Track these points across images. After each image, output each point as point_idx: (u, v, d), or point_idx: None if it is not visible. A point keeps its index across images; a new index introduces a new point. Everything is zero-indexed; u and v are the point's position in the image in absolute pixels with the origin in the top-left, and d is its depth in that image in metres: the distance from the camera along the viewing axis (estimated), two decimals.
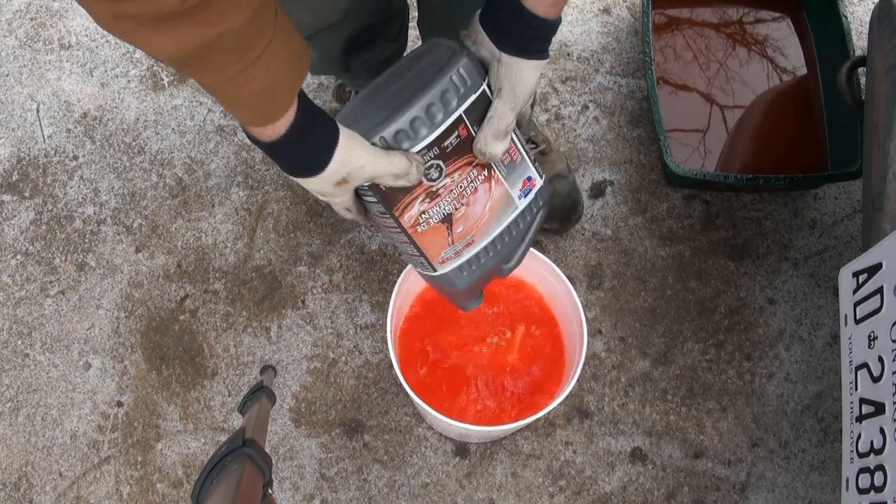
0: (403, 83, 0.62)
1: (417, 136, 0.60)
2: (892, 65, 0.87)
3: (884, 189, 0.84)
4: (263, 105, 0.51)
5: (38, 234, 1.23)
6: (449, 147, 0.62)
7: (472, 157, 0.64)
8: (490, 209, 0.68)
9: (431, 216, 0.65)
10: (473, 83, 0.60)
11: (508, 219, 0.70)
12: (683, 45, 1.33)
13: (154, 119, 1.30)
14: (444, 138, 0.61)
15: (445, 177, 0.63)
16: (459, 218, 0.67)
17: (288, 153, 0.56)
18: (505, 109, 0.61)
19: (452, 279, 0.71)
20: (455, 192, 0.65)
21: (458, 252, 0.69)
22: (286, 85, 0.52)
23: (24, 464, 1.12)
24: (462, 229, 0.68)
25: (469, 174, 0.65)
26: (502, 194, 0.68)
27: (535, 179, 0.70)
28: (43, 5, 1.38)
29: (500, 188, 0.68)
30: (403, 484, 1.10)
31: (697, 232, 1.24)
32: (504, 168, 0.67)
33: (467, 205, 0.66)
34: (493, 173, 0.66)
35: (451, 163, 0.63)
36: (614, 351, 1.17)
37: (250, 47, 0.47)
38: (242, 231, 1.23)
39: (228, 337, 1.17)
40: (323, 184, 0.59)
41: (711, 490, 1.11)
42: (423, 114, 0.59)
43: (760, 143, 1.27)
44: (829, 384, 1.16)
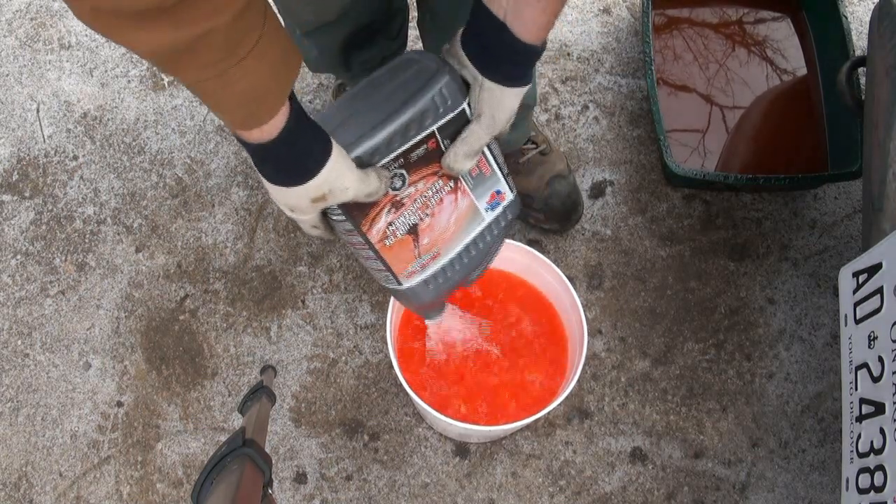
0: (383, 97, 0.61)
1: (389, 150, 0.60)
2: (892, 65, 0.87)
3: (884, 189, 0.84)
4: (250, 107, 0.50)
5: (38, 234, 1.23)
6: (414, 157, 0.61)
7: (438, 167, 0.63)
8: (456, 221, 0.68)
9: (398, 228, 0.65)
10: (454, 102, 0.60)
11: (474, 231, 0.70)
12: (683, 46, 1.33)
13: (154, 119, 1.30)
14: (411, 150, 0.61)
15: (409, 185, 0.63)
16: (425, 229, 0.66)
17: (276, 158, 0.54)
18: (481, 133, 0.61)
19: (418, 293, 0.71)
20: (419, 201, 0.64)
21: (424, 265, 0.69)
22: (274, 87, 0.50)
23: (24, 464, 1.12)
24: (428, 241, 0.67)
25: (434, 184, 0.64)
26: (468, 206, 0.68)
27: (504, 193, 0.70)
28: (43, 5, 1.38)
29: (466, 200, 0.67)
30: (403, 484, 1.10)
31: (697, 232, 1.24)
32: (471, 180, 0.66)
33: (432, 215, 0.66)
34: (460, 184, 0.66)
35: (414, 172, 0.62)
36: (614, 351, 1.17)
37: (236, 46, 0.46)
38: (242, 231, 1.23)
39: (228, 337, 1.17)
40: (301, 197, 0.57)
41: (711, 490, 1.11)
42: (400, 132, 0.59)
43: (760, 143, 1.27)
44: (829, 384, 1.16)
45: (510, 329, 1.00)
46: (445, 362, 0.98)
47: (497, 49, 0.57)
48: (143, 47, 0.43)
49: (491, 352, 0.99)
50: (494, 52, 0.57)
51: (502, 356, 0.99)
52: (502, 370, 0.98)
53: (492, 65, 0.58)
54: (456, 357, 0.99)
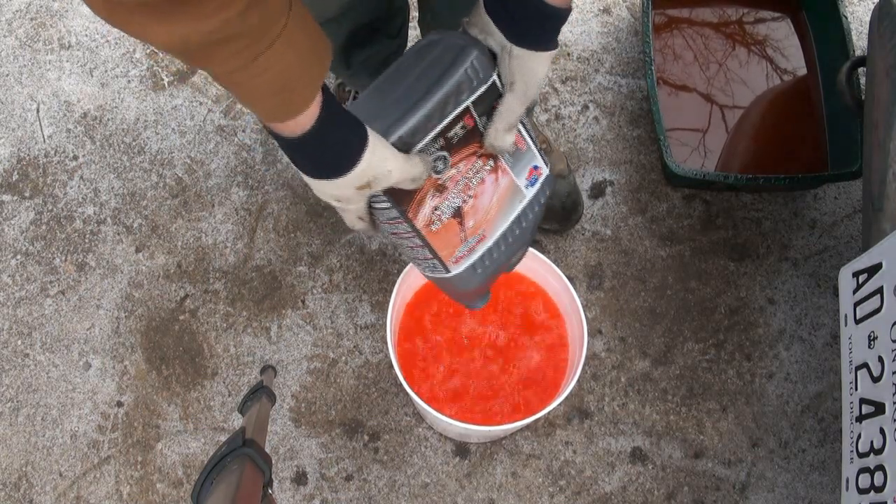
0: (415, 77, 0.61)
1: (428, 130, 0.59)
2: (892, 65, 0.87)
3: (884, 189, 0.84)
4: (281, 97, 0.49)
5: (38, 234, 1.23)
6: (454, 138, 0.61)
7: (477, 148, 0.63)
8: (498, 200, 0.68)
9: (443, 211, 0.65)
10: (485, 75, 0.59)
11: (517, 209, 0.69)
12: (683, 46, 1.33)
13: (154, 119, 1.30)
14: (449, 128, 0.60)
15: (451, 167, 0.63)
16: (469, 211, 0.66)
17: (313, 151, 0.53)
18: (516, 103, 0.60)
19: (466, 278, 0.71)
20: (462, 183, 0.64)
21: (472, 248, 0.69)
22: (305, 76, 0.49)
23: (24, 464, 1.12)
24: (473, 223, 0.67)
25: (474, 165, 0.64)
26: (509, 184, 0.68)
27: (540, 168, 0.70)
28: (43, 5, 1.38)
29: (506, 178, 0.67)
30: (403, 484, 1.10)
31: (697, 232, 1.24)
32: (510, 157, 0.66)
33: (475, 196, 0.66)
34: (500, 163, 0.66)
35: (455, 153, 0.62)
36: (614, 351, 1.17)
37: (263, 32, 0.44)
38: (242, 231, 1.23)
39: (228, 337, 1.17)
40: (343, 188, 0.56)
41: (711, 490, 1.11)
42: (437, 109, 0.58)
43: (760, 143, 1.27)
44: (829, 384, 1.16)
45: (510, 329, 1.00)
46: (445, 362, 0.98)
47: (524, 14, 0.56)
48: (162, 41, 0.42)
49: (491, 351, 0.99)
50: (522, 17, 0.56)
51: (502, 356, 0.99)
52: (502, 370, 0.98)
53: (520, 30, 0.57)
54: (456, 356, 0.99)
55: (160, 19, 0.40)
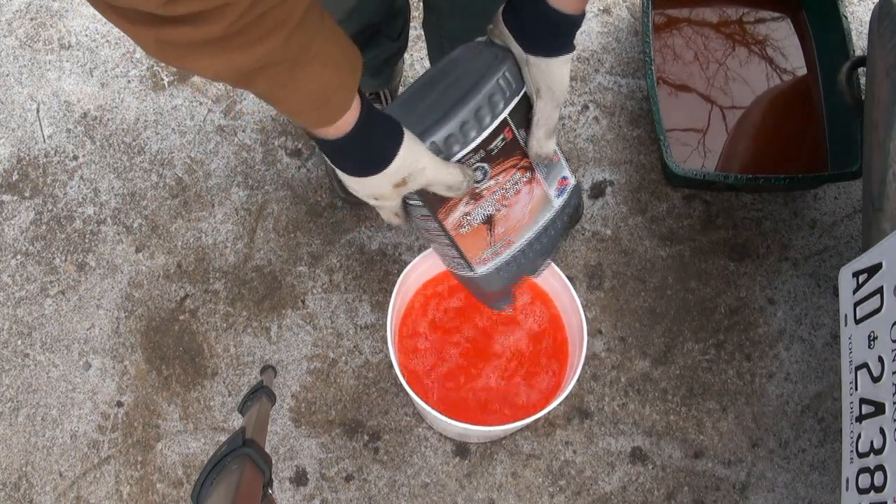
0: (448, 85, 0.62)
1: (466, 140, 0.60)
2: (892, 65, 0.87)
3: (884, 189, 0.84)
4: (321, 108, 0.52)
5: (38, 234, 1.23)
6: (495, 150, 0.62)
7: (518, 160, 0.64)
8: (530, 210, 0.69)
9: (474, 218, 0.66)
10: (518, 86, 0.61)
11: (545, 219, 0.70)
12: (683, 45, 1.33)
13: (154, 119, 1.30)
14: (490, 141, 0.61)
15: (490, 178, 0.64)
16: (500, 219, 0.67)
17: (353, 151, 0.57)
18: (549, 108, 0.61)
19: (490, 280, 0.72)
20: (498, 193, 0.65)
21: (497, 252, 0.70)
22: (341, 86, 0.52)
23: (24, 464, 1.12)
24: (503, 230, 0.68)
25: (513, 176, 0.65)
26: (541, 195, 0.69)
27: (568, 179, 0.71)
28: (43, 5, 1.38)
29: (539, 189, 0.68)
30: (403, 484, 1.10)
31: (697, 232, 1.24)
32: (544, 168, 0.67)
33: (509, 206, 0.67)
34: (535, 175, 0.67)
35: (496, 165, 0.63)
36: (614, 351, 1.17)
37: (301, 55, 0.47)
38: (242, 231, 1.23)
39: (228, 337, 1.17)
40: (382, 184, 0.59)
41: (711, 490, 1.11)
42: (472, 117, 0.59)
43: (760, 143, 1.27)
44: (829, 384, 1.16)
45: (510, 329, 1.00)
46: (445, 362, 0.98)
47: (535, 23, 0.57)
48: (214, 72, 0.45)
49: (491, 351, 0.99)
50: (534, 26, 0.57)
51: (502, 356, 0.99)
52: (502, 370, 0.98)
53: (533, 39, 0.58)
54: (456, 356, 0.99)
55: (209, 53, 0.43)
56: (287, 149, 1.28)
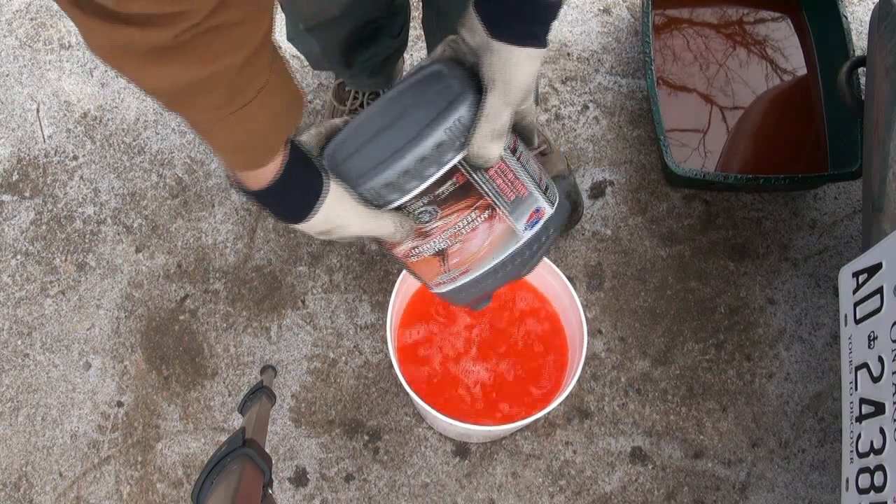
0: (397, 120, 0.57)
1: (406, 189, 0.56)
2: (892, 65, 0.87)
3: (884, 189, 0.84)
4: (250, 150, 0.50)
5: (38, 234, 1.23)
6: (443, 194, 0.57)
7: (474, 201, 0.59)
8: (490, 244, 0.63)
9: (423, 251, 0.63)
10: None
11: (510, 250, 0.64)
12: (683, 46, 1.33)
13: (154, 119, 1.30)
14: (436, 187, 0.57)
15: (439, 219, 0.60)
16: (454, 253, 0.63)
17: (273, 202, 0.54)
18: (499, 105, 0.54)
19: (452, 298, 0.69)
20: (449, 231, 0.61)
21: (454, 279, 0.66)
22: (272, 135, 0.50)
23: (24, 464, 1.12)
24: (457, 261, 0.64)
25: (468, 216, 0.60)
26: (504, 230, 0.63)
27: (543, 209, 0.63)
28: (43, 5, 1.38)
29: (502, 225, 0.62)
30: (403, 484, 1.10)
31: (697, 232, 1.24)
32: (508, 205, 0.61)
33: (463, 242, 0.62)
34: (496, 213, 0.61)
35: (446, 207, 0.59)
36: (614, 351, 1.17)
37: (242, 91, 0.46)
38: (242, 231, 1.23)
39: (228, 337, 1.17)
40: (306, 232, 0.57)
41: (711, 490, 1.11)
42: (414, 166, 0.54)
43: (760, 143, 1.27)
44: (829, 384, 1.16)
45: (510, 329, 1.00)
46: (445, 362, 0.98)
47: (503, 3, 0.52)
48: (152, 84, 0.44)
49: (491, 352, 0.99)
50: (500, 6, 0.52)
51: (502, 356, 0.99)
52: (502, 370, 0.98)
53: (497, 21, 0.52)
54: (456, 356, 0.99)
55: (153, 62, 0.41)
56: None
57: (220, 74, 0.43)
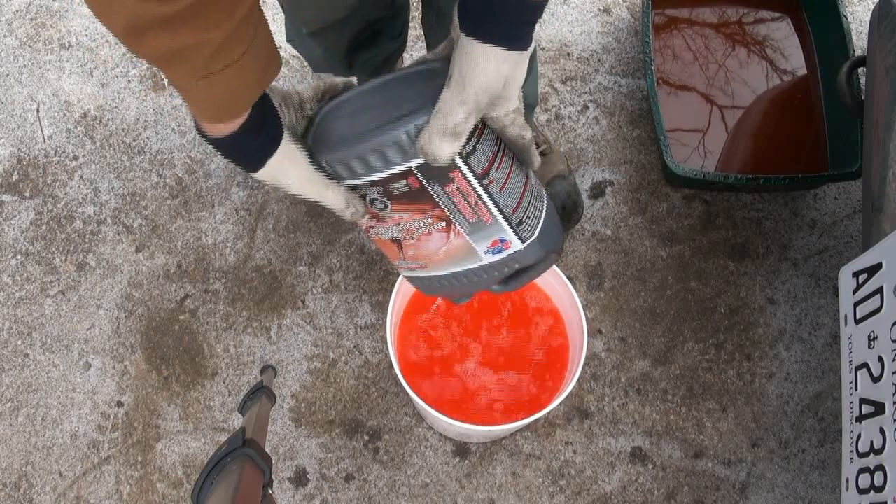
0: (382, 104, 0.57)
1: (356, 173, 0.56)
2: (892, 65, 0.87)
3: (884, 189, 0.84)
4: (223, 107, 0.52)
5: (38, 234, 1.23)
6: (395, 191, 0.57)
7: (429, 207, 0.58)
8: (447, 253, 0.62)
9: (380, 233, 0.63)
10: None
11: (468, 266, 0.62)
12: (683, 46, 1.33)
13: (154, 119, 1.30)
14: (388, 182, 0.56)
15: (392, 211, 0.59)
16: (409, 246, 0.63)
17: (227, 151, 0.57)
18: (452, 102, 0.50)
19: (416, 284, 0.68)
20: (402, 226, 0.61)
21: (412, 269, 0.66)
22: (243, 97, 0.52)
23: (24, 464, 1.12)
24: (413, 254, 0.64)
25: (422, 220, 0.59)
26: (463, 246, 0.61)
27: (509, 241, 0.60)
28: (43, 5, 1.38)
29: (460, 240, 0.60)
30: (403, 484, 1.10)
31: (697, 232, 1.24)
32: (468, 225, 0.59)
33: (417, 240, 0.62)
34: (453, 227, 0.59)
35: (398, 203, 0.58)
36: (614, 351, 1.17)
37: (226, 55, 0.47)
38: (242, 231, 1.23)
39: (228, 337, 1.17)
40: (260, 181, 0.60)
41: (711, 490, 1.11)
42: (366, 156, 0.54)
43: (760, 143, 1.27)
44: (829, 384, 1.16)
45: (510, 329, 1.00)
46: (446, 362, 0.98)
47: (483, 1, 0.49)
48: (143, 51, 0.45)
49: (491, 351, 0.99)
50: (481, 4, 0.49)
51: (502, 356, 0.99)
52: (502, 370, 0.98)
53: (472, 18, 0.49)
54: (456, 356, 0.99)
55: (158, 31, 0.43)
56: None
57: (209, 42, 0.45)
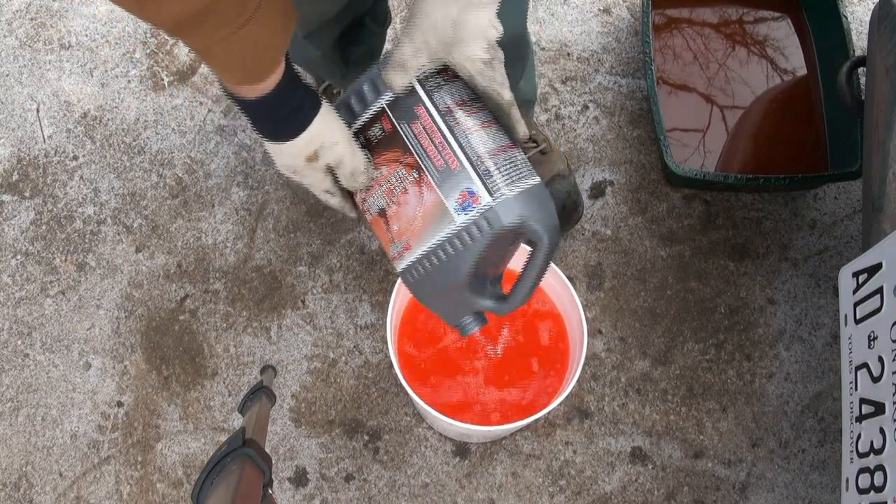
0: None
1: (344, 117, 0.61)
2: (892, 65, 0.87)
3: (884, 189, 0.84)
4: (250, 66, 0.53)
5: (38, 234, 1.23)
6: (374, 139, 0.62)
7: (401, 154, 0.62)
8: (423, 216, 0.63)
9: (370, 206, 0.67)
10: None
11: (444, 232, 0.62)
12: (683, 46, 1.33)
13: (154, 119, 1.30)
14: (368, 127, 0.61)
15: (375, 169, 0.64)
16: (392, 216, 0.65)
17: (271, 112, 0.57)
18: (403, 38, 0.56)
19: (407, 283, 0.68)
20: (385, 186, 0.64)
21: (400, 253, 0.67)
22: (273, 47, 0.53)
23: (24, 464, 1.12)
24: (397, 229, 0.65)
25: (397, 172, 0.63)
26: (435, 202, 0.62)
27: (478, 195, 0.60)
28: (43, 5, 1.38)
29: (432, 195, 0.62)
30: (403, 484, 1.10)
31: (697, 232, 1.24)
32: (437, 173, 0.61)
33: (398, 204, 0.64)
34: (424, 177, 0.61)
35: (377, 154, 0.63)
36: (614, 351, 1.17)
37: (241, 12, 0.48)
38: (242, 231, 1.23)
39: (228, 337, 1.17)
40: (296, 155, 0.59)
41: (711, 490, 1.11)
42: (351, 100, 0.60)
43: (760, 143, 1.27)
44: (829, 384, 1.16)
45: (510, 329, 1.00)
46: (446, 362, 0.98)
47: None
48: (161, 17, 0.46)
49: (491, 351, 0.99)
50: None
51: (502, 356, 0.99)
52: (502, 370, 0.98)
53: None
54: (456, 356, 0.99)
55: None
56: None
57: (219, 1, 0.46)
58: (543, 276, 0.65)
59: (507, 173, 0.61)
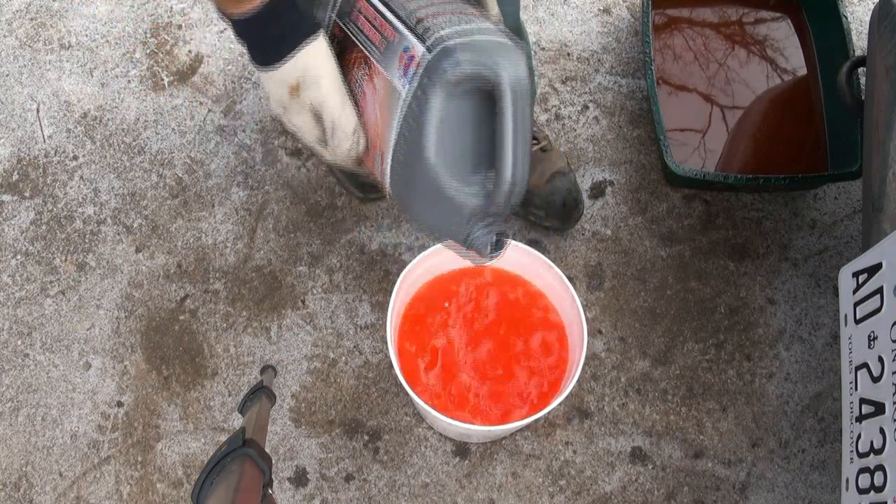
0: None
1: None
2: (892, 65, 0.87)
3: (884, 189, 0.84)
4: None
5: (38, 234, 1.23)
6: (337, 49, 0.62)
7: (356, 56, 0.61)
8: (380, 108, 0.60)
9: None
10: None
11: (398, 112, 0.57)
12: (683, 46, 1.33)
13: (154, 119, 1.30)
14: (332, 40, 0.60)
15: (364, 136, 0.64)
16: (366, 124, 0.64)
17: (258, 31, 0.55)
18: None
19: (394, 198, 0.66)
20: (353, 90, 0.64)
21: (382, 170, 0.65)
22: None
23: (24, 464, 1.12)
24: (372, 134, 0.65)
25: (356, 76, 0.61)
26: (384, 85, 0.59)
27: (413, 48, 0.54)
28: (43, 5, 1.38)
29: (380, 79, 0.59)
30: (403, 484, 1.10)
31: (697, 232, 1.24)
32: (379, 53, 0.58)
33: (364, 112, 0.62)
34: (372, 64, 0.59)
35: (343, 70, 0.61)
36: (614, 351, 1.17)
37: None
38: (242, 231, 1.23)
39: (228, 337, 1.17)
40: (279, 83, 0.57)
41: (711, 490, 1.11)
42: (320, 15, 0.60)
43: (760, 143, 1.27)
44: (829, 384, 1.16)
45: (510, 329, 1.00)
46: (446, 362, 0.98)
47: None
48: None
49: (491, 351, 0.99)
50: None
51: (502, 356, 0.99)
52: (502, 370, 0.98)
53: None
54: (456, 356, 0.99)
55: None
56: (287, 149, 1.28)
57: None
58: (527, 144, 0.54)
59: (448, 20, 0.54)
